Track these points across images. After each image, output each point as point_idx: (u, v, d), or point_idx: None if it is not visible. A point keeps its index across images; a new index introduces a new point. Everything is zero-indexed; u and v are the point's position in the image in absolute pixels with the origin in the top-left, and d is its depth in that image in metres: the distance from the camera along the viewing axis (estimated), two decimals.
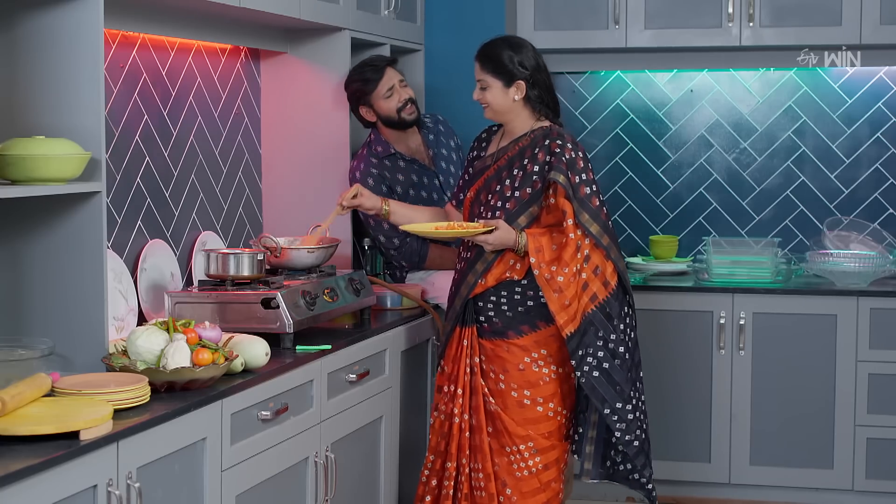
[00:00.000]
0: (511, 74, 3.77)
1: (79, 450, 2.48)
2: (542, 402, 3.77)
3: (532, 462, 3.77)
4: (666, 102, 5.61)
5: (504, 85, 3.78)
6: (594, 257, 3.70)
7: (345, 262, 4.39)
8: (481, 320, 3.81)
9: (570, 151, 3.71)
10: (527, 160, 3.76)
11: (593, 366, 3.70)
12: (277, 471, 3.30)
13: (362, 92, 4.40)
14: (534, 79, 3.79)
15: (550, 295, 3.66)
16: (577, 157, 3.72)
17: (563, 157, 3.70)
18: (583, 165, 3.72)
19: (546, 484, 3.80)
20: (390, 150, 4.46)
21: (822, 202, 5.51)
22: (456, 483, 3.83)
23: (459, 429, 3.81)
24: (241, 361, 3.20)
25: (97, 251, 2.99)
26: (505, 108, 3.80)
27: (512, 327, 3.77)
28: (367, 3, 4.54)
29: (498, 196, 3.78)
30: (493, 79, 3.78)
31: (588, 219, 3.69)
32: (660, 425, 5.10)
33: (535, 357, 3.77)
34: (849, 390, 4.95)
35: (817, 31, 5.08)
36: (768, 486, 5.06)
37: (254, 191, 4.46)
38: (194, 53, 4.05)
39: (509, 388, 3.77)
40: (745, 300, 5.02)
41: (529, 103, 3.80)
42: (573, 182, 3.69)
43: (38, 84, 2.99)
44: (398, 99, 4.41)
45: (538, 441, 3.76)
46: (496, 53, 3.79)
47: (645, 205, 5.65)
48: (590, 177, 3.73)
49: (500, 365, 3.78)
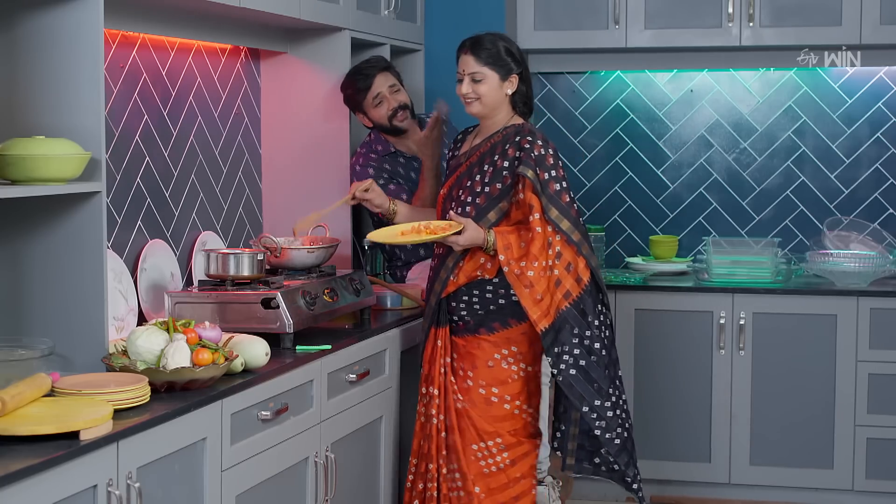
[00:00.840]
0: (509, 67, 3.77)
1: (79, 450, 2.48)
2: (509, 400, 3.78)
3: (500, 458, 3.77)
4: (666, 102, 5.61)
5: (501, 78, 3.77)
6: (566, 254, 3.69)
7: (345, 262, 4.39)
8: (454, 319, 3.82)
9: (540, 148, 3.71)
10: (497, 156, 3.76)
11: (570, 363, 3.69)
12: (277, 471, 3.30)
13: (353, 100, 4.39)
14: (524, 74, 3.80)
15: (521, 290, 3.64)
16: (547, 153, 3.71)
17: (532, 154, 3.69)
18: (552, 162, 3.71)
19: (514, 480, 3.79)
20: (390, 148, 4.46)
21: (822, 202, 5.51)
22: (438, 484, 3.83)
23: (437, 430, 3.81)
24: (241, 361, 3.20)
25: (97, 251, 2.99)
26: (496, 101, 3.78)
27: (484, 325, 3.78)
28: (367, 3, 4.54)
29: (468, 192, 3.78)
30: (490, 71, 3.76)
31: (558, 215, 3.68)
32: (660, 425, 5.11)
33: (505, 354, 3.77)
34: (849, 390, 4.95)
35: (817, 31, 5.08)
36: (768, 486, 5.06)
37: (254, 191, 4.46)
38: (194, 53, 4.05)
39: (477, 385, 3.77)
40: (745, 300, 5.02)
41: (513, 99, 3.80)
42: (542, 178, 3.68)
43: (38, 84, 2.99)
44: (388, 107, 4.37)
45: (505, 437, 3.77)
46: (493, 45, 3.77)
47: (645, 205, 5.65)
48: (559, 174, 3.71)
49: (470, 362, 3.79)
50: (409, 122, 4.42)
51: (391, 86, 4.39)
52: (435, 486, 3.83)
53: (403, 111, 4.40)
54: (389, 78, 4.40)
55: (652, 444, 5.11)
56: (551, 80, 5.68)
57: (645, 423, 5.11)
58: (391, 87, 4.39)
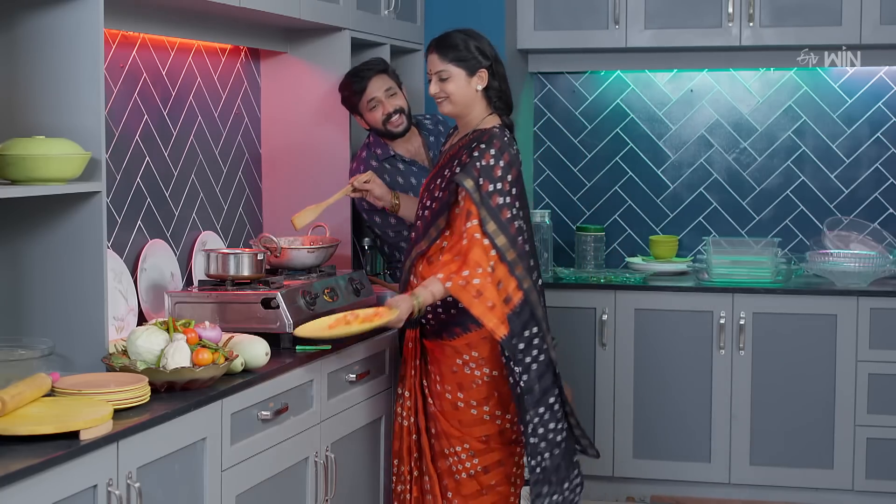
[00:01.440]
0: (475, 62, 3.67)
1: (79, 450, 2.48)
2: (476, 405, 3.68)
3: (470, 464, 3.70)
4: (666, 102, 5.61)
5: (468, 74, 3.67)
6: (498, 271, 3.54)
7: (345, 262, 4.38)
8: (422, 322, 3.76)
9: (490, 158, 3.57)
10: (457, 161, 3.66)
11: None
12: (277, 471, 3.30)
13: (350, 102, 4.36)
14: (494, 68, 3.71)
15: (471, 301, 3.48)
16: (497, 164, 3.57)
17: (479, 163, 3.57)
18: (500, 174, 3.57)
19: (488, 487, 3.72)
20: (389, 151, 4.42)
21: (822, 202, 5.51)
22: (411, 486, 3.79)
23: (408, 431, 3.76)
24: (241, 361, 3.20)
25: (97, 251, 2.99)
26: (467, 99, 3.69)
27: (446, 329, 3.69)
28: (367, 3, 4.54)
29: (430, 195, 3.73)
30: (455, 68, 3.67)
31: (496, 229, 3.54)
32: (660, 425, 5.11)
33: (467, 359, 3.67)
34: (849, 390, 4.95)
35: (817, 31, 5.08)
36: (768, 486, 5.06)
37: (254, 191, 4.46)
38: (194, 53, 4.05)
39: (444, 390, 3.71)
40: (745, 300, 5.02)
41: (487, 95, 3.70)
42: (485, 189, 3.55)
43: (38, 84, 2.99)
44: (383, 111, 4.32)
45: (473, 444, 3.69)
46: (456, 42, 3.69)
47: (645, 205, 5.65)
48: (505, 187, 3.57)
49: (437, 366, 3.73)
50: (405, 126, 4.37)
51: (387, 89, 4.33)
52: (408, 487, 3.79)
53: (398, 115, 4.34)
54: (386, 81, 4.35)
55: (652, 444, 5.11)
56: (551, 80, 5.68)
57: (645, 423, 5.12)
58: (387, 90, 4.33)
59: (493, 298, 3.50)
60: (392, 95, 4.35)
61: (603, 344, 5.11)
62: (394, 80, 4.39)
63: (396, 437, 3.83)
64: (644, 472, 5.15)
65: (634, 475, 5.15)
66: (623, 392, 5.13)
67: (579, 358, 5.14)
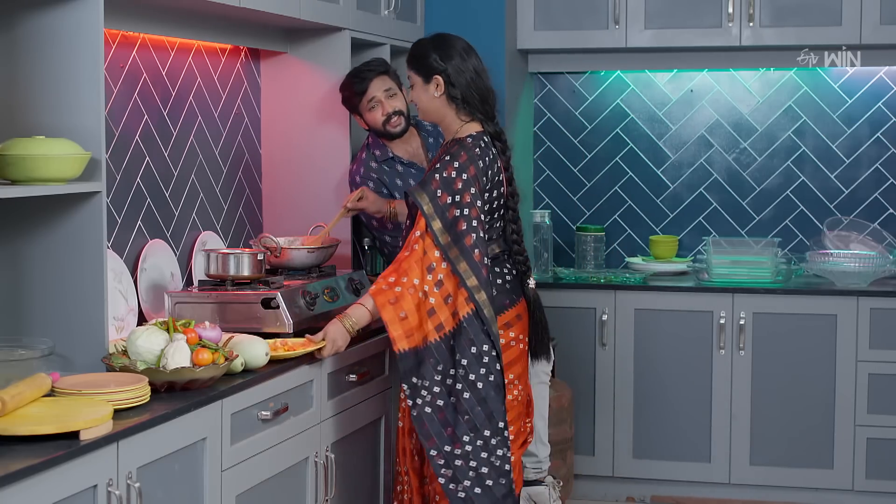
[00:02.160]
0: (428, 69, 3.65)
1: (79, 450, 2.48)
2: None
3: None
4: (666, 102, 5.61)
5: (423, 81, 3.67)
6: (447, 283, 3.47)
7: (345, 262, 4.39)
8: None
9: (452, 170, 3.52)
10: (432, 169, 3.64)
11: (426, 400, 3.45)
12: (277, 471, 3.30)
13: (350, 102, 4.36)
14: (450, 75, 3.62)
15: (385, 306, 3.42)
16: (458, 177, 3.51)
17: (440, 174, 3.53)
18: (460, 187, 3.50)
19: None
20: (388, 153, 4.41)
21: (822, 202, 5.51)
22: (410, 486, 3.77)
23: (402, 432, 3.75)
24: (241, 361, 3.20)
25: (97, 251, 2.99)
26: (429, 105, 3.66)
27: None
28: (367, 3, 4.54)
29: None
30: (415, 75, 3.68)
31: (449, 241, 3.48)
32: (660, 425, 5.11)
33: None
34: (849, 390, 4.95)
35: (817, 31, 5.08)
36: (768, 486, 5.06)
37: (254, 191, 4.46)
38: (194, 53, 4.05)
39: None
40: (745, 300, 5.02)
41: (452, 102, 3.65)
42: (443, 201, 3.50)
43: (38, 84, 2.99)
44: (382, 111, 4.32)
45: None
46: (418, 49, 3.71)
47: (645, 205, 5.65)
48: (465, 200, 3.50)
49: None
50: (403, 127, 4.37)
51: (387, 90, 4.33)
52: (406, 488, 3.78)
53: (398, 117, 4.34)
54: (387, 82, 4.35)
55: (652, 444, 5.12)
56: (551, 80, 5.68)
57: (645, 423, 5.12)
58: (387, 91, 4.33)
59: (410, 311, 3.43)
60: (392, 96, 4.35)
61: (603, 344, 5.11)
62: (394, 82, 4.39)
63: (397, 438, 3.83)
64: (644, 472, 5.15)
65: (634, 475, 5.15)
66: (623, 392, 5.13)
67: (579, 358, 5.14)
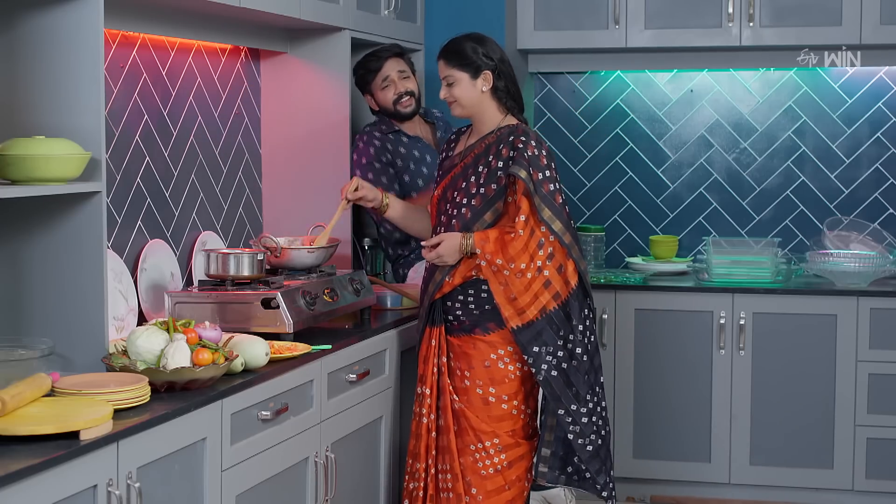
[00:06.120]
0: (477, 65, 3.79)
1: (79, 450, 2.48)
2: (507, 400, 3.77)
3: (497, 459, 3.76)
4: (666, 102, 5.61)
5: (471, 77, 3.79)
6: (558, 255, 3.71)
7: (345, 262, 4.39)
8: (450, 319, 3.83)
9: (534, 148, 3.72)
10: (492, 157, 3.77)
11: (552, 364, 3.70)
12: (277, 471, 3.30)
13: (363, 80, 4.54)
14: (500, 69, 3.81)
15: (496, 286, 3.69)
16: (541, 154, 3.72)
17: (526, 154, 3.70)
18: (546, 163, 3.72)
19: (511, 482, 3.79)
20: (394, 126, 4.57)
21: (822, 202, 5.51)
22: (425, 484, 3.82)
23: (427, 429, 3.81)
24: (241, 361, 3.20)
25: (97, 251, 2.99)
26: (473, 101, 3.81)
27: (479, 325, 3.78)
28: (367, 3, 4.55)
29: (464, 193, 3.78)
30: (459, 72, 3.80)
31: (551, 216, 3.69)
32: (660, 425, 5.11)
33: (502, 354, 3.77)
34: (849, 390, 4.95)
35: (817, 31, 5.08)
36: (768, 486, 5.06)
37: (254, 191, 4.46)
38: (194, 53, 4.05)
39: (474, 385, 3.77)
40: (745, 300, 5.02)
41: (496, 96, 3.81)
42: (535, 178, 3.69)
43: (38, 84, 2.99)
44: (394, 91, 4.50)
45: (503, 438, 3.76)
46: (459, 47, 3.82)
47: (645, 205, 5.65)
48: (552, 174, 3.73)
49: (466, 362, 3.79)
50: (413, 108, 4.54)
51: (401, 71, 4.52)
52: (421, 485, 3.82)
53: (409, 97, 4.52)
54: (401, 64, 4.54)
55: (652, 444, 5.11)
56: (551, 80, 5.68)
57: (645, 423, 5.12)
58: (401, 72, 4.52)
59: (519, 292, 3.68)
60: (405, 78, 4.54)
61: (603, 344, 5.11)
62: (408, 65, 4.58)
63: (413, 436, 3.87)
64: (644, 472, 5.15)
65: (634, 475, 5.15)
66: (623, 392, 5.13)
67: None
